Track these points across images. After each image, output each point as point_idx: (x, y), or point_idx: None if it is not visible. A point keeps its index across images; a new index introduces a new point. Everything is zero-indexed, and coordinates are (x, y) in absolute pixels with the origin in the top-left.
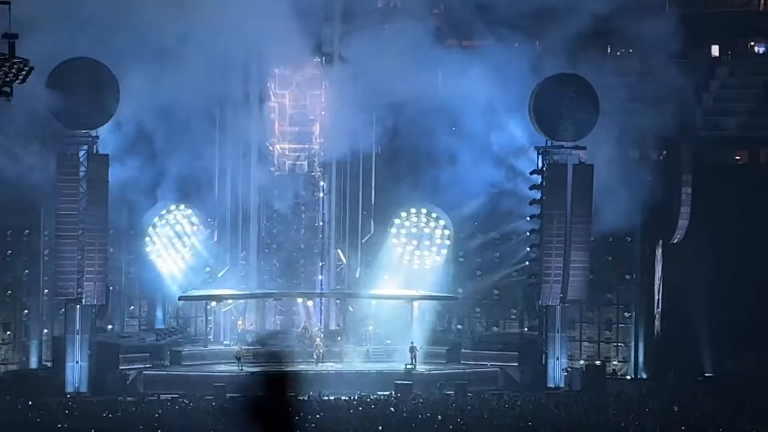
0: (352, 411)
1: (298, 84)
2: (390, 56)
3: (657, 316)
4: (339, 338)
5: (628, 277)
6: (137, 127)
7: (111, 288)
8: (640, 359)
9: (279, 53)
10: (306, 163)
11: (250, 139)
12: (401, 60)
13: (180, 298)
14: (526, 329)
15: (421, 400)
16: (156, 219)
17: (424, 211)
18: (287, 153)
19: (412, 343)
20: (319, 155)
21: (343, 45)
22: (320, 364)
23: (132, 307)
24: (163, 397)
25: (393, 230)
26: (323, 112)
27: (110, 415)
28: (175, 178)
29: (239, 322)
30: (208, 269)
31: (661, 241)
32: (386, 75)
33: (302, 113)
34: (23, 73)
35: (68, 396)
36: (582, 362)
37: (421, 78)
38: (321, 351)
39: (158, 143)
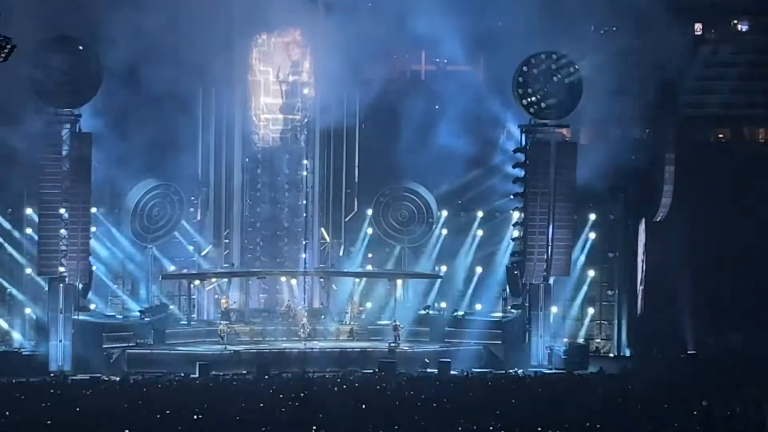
0: (336, 389)
1: (282, 55)
2: (372, 33)
3: (640, 294)
4: (323, 316)
5: (611, 254)
6: (120, 106)
7: (94, 267)
8: (623, 337)
9: (263, 17)
10: (290, 136)
11: (234, 118)
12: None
13: (163, 277)
14: (509, 307)
15: (404, 379)
16: (139, 197)
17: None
18: (271, 127)
19: (395, 321)
20: (302, 130)
21: (327, 18)
22: (304, 342)
23: (115, 285)
24: (146, 375)
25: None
26: (306, 91)
27: (94, 394)
28: (159, 156)
29: (223, 301)
30: (191, 247)
31: (644, 219)
32: (370, 45)
33: (286, 86)
34: (5, 51)
35: (52, 375)
36: (565, 340)
37: (405, 51)
38: (307, 330)
39: (141, 122)
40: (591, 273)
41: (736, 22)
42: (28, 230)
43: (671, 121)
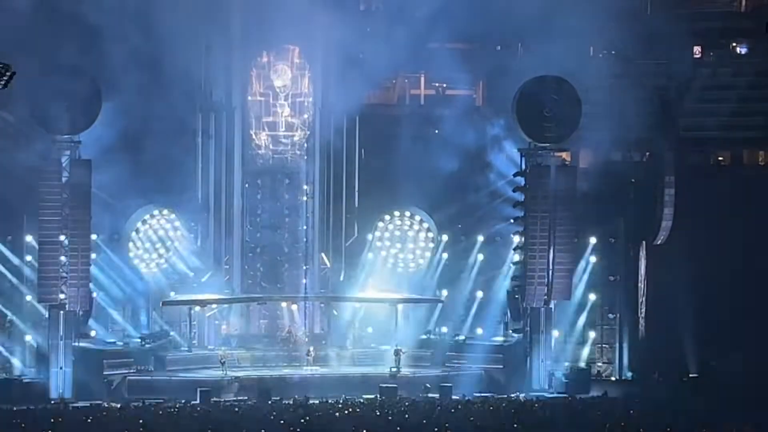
0: (337, 414)
1: (282, 76)
2: (372, 57)
3: (641, 318)
4: (323, 342)
5: (612, 278)
6: (120, 132)
7: (94, 293)
8: (625, 360)
9: (263, 38)
10: (289, 157)
11: (234, 143)
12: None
13: (164, 303)
14: (510, 331)
15: (406, 403)
16: (139, 224)
17: (407, 213)
18: (271, 147)
19: (396, 346)
20: (302, 154)
21: (327, 42)
22: (306, 367)
23: (116, 312)
24: (147, 402)
25: (377, 233)
26: (306, 115)
27: (95, 421)
28: (159, 183)
29: (223, 327)
30: (191, 274)
31: (644, 242)
32: (369, 69)
33: (285, 107)
34: (5, 77)
35: (52, 402)
36: (567, 364)
37: (405, 75)
38: (312, 355)
39: (141, 148)
40: (592, 296)
41: (735, 45)
42: (28, 257)
43: (671, 144)
